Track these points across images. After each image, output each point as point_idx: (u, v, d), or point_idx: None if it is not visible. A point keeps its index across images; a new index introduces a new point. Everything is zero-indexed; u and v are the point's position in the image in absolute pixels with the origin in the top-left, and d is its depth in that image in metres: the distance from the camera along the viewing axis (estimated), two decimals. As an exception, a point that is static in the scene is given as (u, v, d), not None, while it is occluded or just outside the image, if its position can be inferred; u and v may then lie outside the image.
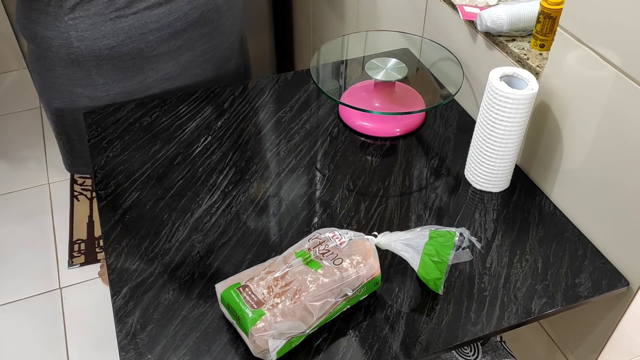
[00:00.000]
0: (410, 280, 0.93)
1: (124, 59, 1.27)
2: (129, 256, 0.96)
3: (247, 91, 1.35)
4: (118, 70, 1.29)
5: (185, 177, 1.11)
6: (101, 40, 1.23)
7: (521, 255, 0.98)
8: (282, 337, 0.79)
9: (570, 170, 1.02)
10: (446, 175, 1.13)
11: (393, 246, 0.90)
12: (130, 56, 1.27)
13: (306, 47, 2.36)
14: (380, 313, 0.89)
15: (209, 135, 1.22)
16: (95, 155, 1.16)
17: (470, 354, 1.09)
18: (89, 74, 1.27)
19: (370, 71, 1.23)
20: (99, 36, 1.22)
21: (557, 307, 0.90)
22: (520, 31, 1.11)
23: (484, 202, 1.07)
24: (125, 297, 0.90)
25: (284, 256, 0.88)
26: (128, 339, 0.85)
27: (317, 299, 0.81)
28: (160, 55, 1.31)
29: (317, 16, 2.12)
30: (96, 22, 1.21)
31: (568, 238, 1.01)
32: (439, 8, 1.30)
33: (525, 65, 1.05)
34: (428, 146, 1.20)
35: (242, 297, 0.81)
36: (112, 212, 1.04)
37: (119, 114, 1.26)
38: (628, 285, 0.94)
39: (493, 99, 0.98)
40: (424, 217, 1.04)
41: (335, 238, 0.88)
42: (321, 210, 1.05)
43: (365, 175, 1.13)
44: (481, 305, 0.90)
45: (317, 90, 1.35)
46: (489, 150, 1.03)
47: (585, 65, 0.92)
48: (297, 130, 1.23)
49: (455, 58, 1.26)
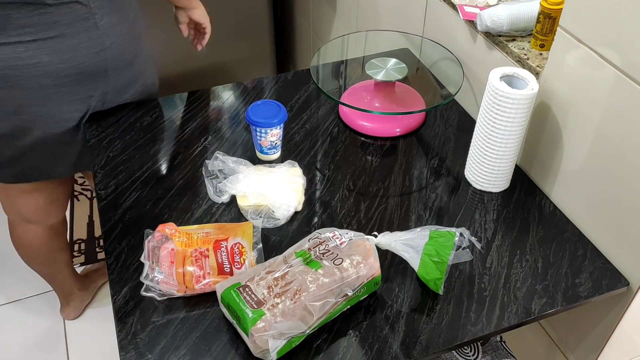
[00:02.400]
0: (410, 280, 0.93)
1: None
2: (129, 256, 0.96)
3: (247, 91, 1.35)
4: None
5: (185, 177, 1.11)
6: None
7: (521, 255, 0.98)
8: (282, 337, 0.79)
9: (570, 170, 1.02)
10: (446, 175, 1.13)
11: (393, 246, 0.90)
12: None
13: (306, 47, 2.36)
14: (380, 313, 0.89)
15: (209, 135, 1.22)
16: (95, 155, 1.16)
17: (470, 354, 1.09)
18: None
19: (370, 71, 1.23)
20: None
21: (557, 307, 0.90)
22: (520, 31, 1.11)
23: (484, 202, 1.07)
24: (125, 297, 0.90)
25: (284, 256, 0.88)
26: (128, 338, 0.85)
27: (317, 299, 0.81)
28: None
29: (317, 16, 2.12)
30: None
31: (568, 238, 1.01)
32: (439, 8, 1.29)
33: (525, 65, 1.05)
34: (428, 146, 1.20)
35: (242, 297, 0.81)
36: (112, 212, 1.04)
37: (119, 113, 1.26)
38: (628, 285, 0.94)
39: (493, 99, 0.97)
40: (424, 217, 1.04)
41: (336, 238, 0.88)
42: (321, 210, 1.05)
43: (365, 175, 1.13)
44: (481, 305, 0.90)
45: (317, 90, 1.35)
46: (489, 150, 1.03)
47: (586, 65, 0.92)
48: (297, 130, 1.23)
49: (455, 58, 1.26)
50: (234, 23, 2.18)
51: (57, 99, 1.20)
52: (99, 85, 1.23)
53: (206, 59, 2.20)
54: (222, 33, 2.18)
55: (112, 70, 1.23)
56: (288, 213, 1.02)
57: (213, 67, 2.24)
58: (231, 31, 2.19)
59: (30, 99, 1.18)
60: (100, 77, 1.22)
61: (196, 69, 2.20)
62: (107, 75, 1.23)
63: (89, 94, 1.23)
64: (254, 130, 1.11)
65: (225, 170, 1.07)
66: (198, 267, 0.90)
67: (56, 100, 1.20)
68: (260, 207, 1.02)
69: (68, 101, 1.21)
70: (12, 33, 1.11)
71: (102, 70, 1.21)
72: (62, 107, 1.21)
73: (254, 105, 1.12)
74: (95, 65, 1.19)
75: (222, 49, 2.21)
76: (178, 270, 0.89)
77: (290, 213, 1.02)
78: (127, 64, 1.25)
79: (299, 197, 1.04)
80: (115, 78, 1.24)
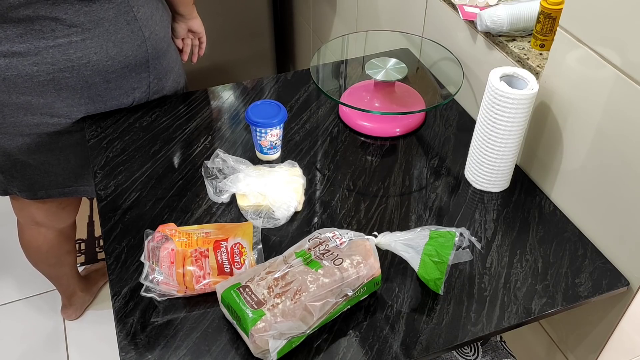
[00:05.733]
0: (411, 280, 0.93)
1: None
2: (129, 256, 0.96)
3: (247, 91, 1.35)
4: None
5: (185, 177, 1.11)
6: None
7: (521, 255, 0.98)
8: (282, 338, 0.79)
9: (570, 170, 1.02)
10: (446, 175, 1.13)
11: (393, 246, 0.90)
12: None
13: (306, 47, 2.36)
14: (381, 313, 0.89)
15: (209, 135, 1.22)
16: (95, 155, 1.16)
17: (471, 354, 1.09)
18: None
19: (370, 71, 1.23)
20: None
21: (557, 307, 0.90)
22: (520, 31, 1.11)
23: (484, 202, 1.07)
24: (125, 298, 0.90)
25: (284, 256, 0.88)
26: (128, 339, 0.85)
27: (317, 299, 0.81)
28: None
29: (317, 16, 2.12)
30: None
31: (568, 238, 1.01)
32: (439, 8, 1.29)
33: (525, 65, 1.05)
34: (428, 146, 1.20)
35: (243, 298, 0.81)
36: (112, 212, 1.04)
37: (118, 114, 1.26)
38: (628, 285, 0.94)
39: (493, 99, 0.97)
40: (424, 217, 1.04)
41: (336, 238, 0.88)
42: (321, 210, 1.05)
43: (365, 175, 1.13)
44: (481, 305, 0.90)
45: (317, 90, 1.35)
46: (489, 150, 1.03)
47: (586, 65, 0.92)
48: (297, 130, 1.23)
49: (455, 58, 1.26)
50: (234, 23, 2.18)
51: (106, 95, 1.23)
52: (142, 77, 1.26)
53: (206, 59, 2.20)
54: (222, 33, 2.19)
55: (152, 60, 1.26)
56: (288, 213, 1.02)
57: (213, 67, 2.24)
58: (231, 31, 2.19)
59: (80, 98, 1.21)
60: (142, 68, 1.25)
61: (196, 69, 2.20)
62: (148, 66, 1.26)
63: (133, 86, 1.26)
64: (254, 130, 1.11)
65: (225, 169, 1.07)
66: (198, 268, 0.90)
67: (106, 96, 1.23)
68: (260, 207, 1.02)
69: (116, 96, 1.25)
70: (59, 34, 1.12)
71: (144, 62, 1.24)
72: (109, 102, 1.25)
73: (254, 105, 1.12)
74: (137, 58, 1.22)
75: (222, 49, 2.21)
76: (178, 271, 0.89)
77: (290, 213, 1.02)
78: (163, 52, 1.28)
79: (299, 197, 1.04)
80: (155, 68, 1.27)
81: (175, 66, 1.36)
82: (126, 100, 1.27)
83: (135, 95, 1.27)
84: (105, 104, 1.25)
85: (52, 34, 1.12)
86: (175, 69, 1.36)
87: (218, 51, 2.19)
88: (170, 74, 1.33)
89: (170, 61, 1.32)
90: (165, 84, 1.32)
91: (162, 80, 1.31)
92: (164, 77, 1.31)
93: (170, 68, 1.33)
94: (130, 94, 1.26)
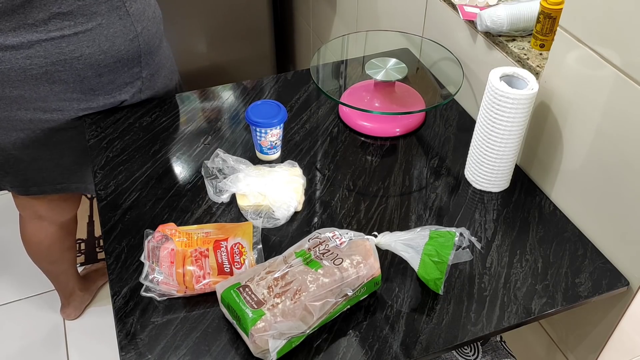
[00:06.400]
0: (410, 280, 0.93)
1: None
2: (129, 256, 0.96)
3: (247, 91, 1.35)
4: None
5: (185, 177, 1.11)
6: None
7: (521, 255, 0.98)
8: (282, 337, 0.79)
9: (570, 170, 1.02)
10: (446, 175, 1.13)
11: (393, 246, 0.90)
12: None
13: (306, 47, 2.36)
14: (381, 313, 0.89)
15: (209, 135, 1.22)
16: (95, 155, 1.16)
17: (470, 354, 1.09)
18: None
19: (370, 71, 1.23)
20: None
21: (557, 307, 0.90)
22: (520, 31, 1.11)
23: (484, 202, 1.07)
24: (125, 298, 0.90)
25: (284, 256, 0.88)
26: (128, 339, 0.85)
27: (317, 299, 0.81)
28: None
29: (317, 16, 2.12)
30: None
31: (568, 238, 1.01)
32: (439, 8, 1.29)
33: (525, 65, 1.05)
34: (428, 146, 1.20)
35: (242, 297, 0.81)
36: (112, 212, 1.04)
37: (118, 114, 1.26)
38: (628, 285, 0.94)
39: (493, 99, 0.98)
40: (424, 217, 1.04)
41: (335, 238, 0.88)
42: (321, 210, 1.05)
43: (365, 175, 1.13)
44: (481, 305, 0.90)
45: (317, 90, 1.35)
46: (489, 150, 1.03)
47: (585, 65, 0.92)
48: (297, 130, 1.23)
49: (455, 58, 1.26)
50: (234, 23, 2.18)
51: (99, 89, 1.24)
52: (134, 72, 1.26)
53: (206, 59, 2.21)
54: (222, 33, 2.19)
55: (144, 55, 1.26)
56: (288, 213, 1.02)
57: (213, 67, 2.24)
58: (231, 31, 2.19)
59: (72, 92, 1.21)
60: (134, 63, 1.25)
61: (196, 69, 2.20)
62: (140, 61, 1.26)
63: (125, 81, 1.26)
64: (254, 130, 1.11)
65: (225, 169, 1.07)
66: (198, 267, 0.90)
67: (98, 90, 1.24)
68: (260, 207, 1.02)
69: (108, 90, 1.25)
70: (52, 28, 1.12)
71: (136, 57, 1.24)
72: (102, 97, 1.25)
73: (254, 105, 1.12)
74: (130, 52, 1.23)
75: (222, 49, 2.21)
76: (178, 271, 0.89)
77: (290, 213, 1.02)
78: (155, 48, 1.29)
79: (299, 197, 1.04)
80: (147, 63, 1.28)
81: (167, 63, 1.36)
82: (119, 96, 1.27)
83: (127, 90, 1.28)
84: (98, 99, 1.25)
85: (45, 28, 1.12)
86: (167, 66, 1.36)
87: (218, 51, 2.19)
88: (162, 70, 1.34)
89: (162, 57, 1.33)
90: (157, 80, 1.33)
91: (154, 75, 1.31)
92: (156, 73, 1.32)
93: (162, 64, 1.33)
94: (122, 89, 1.27)
